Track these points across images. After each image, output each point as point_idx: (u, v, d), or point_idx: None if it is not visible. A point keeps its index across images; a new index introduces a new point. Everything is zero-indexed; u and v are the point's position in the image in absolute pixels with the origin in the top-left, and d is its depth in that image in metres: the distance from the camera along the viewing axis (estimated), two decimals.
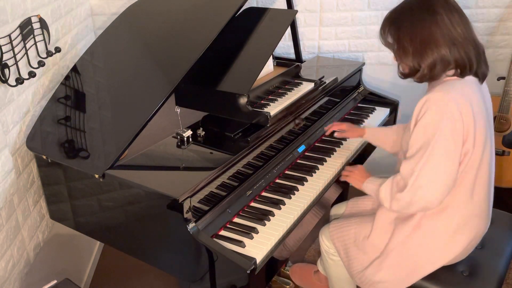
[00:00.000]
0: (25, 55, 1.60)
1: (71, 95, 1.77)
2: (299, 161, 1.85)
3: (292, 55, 2.38)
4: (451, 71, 1.43)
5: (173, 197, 1.32)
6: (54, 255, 1.93)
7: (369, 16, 2.47)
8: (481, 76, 1.47)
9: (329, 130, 1.94)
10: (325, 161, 1.85)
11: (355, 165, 1.72)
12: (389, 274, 1.56)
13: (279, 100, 1.82)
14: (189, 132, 1.62)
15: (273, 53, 2.01)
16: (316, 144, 1.97)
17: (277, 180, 1.73)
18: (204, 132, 1.66)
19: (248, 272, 1.29)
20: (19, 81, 1.53)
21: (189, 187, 1.35)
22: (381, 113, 2.29)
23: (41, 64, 1.67)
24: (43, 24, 1.71)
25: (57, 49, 1.81)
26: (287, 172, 1.78)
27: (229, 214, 1.52)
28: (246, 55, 1.80)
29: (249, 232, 1.44)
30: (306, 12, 2.46)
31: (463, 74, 1.42)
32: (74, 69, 1.83)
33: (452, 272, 1.56)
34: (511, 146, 2.53)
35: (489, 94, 1.54)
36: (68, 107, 1.74)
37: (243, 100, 1.63)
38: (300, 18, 2.47)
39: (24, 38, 1.59)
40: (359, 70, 2.36)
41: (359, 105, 2.36)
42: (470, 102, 1.38)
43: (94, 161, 1.52)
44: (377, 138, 1.88)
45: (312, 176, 1.75)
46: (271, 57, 2.00)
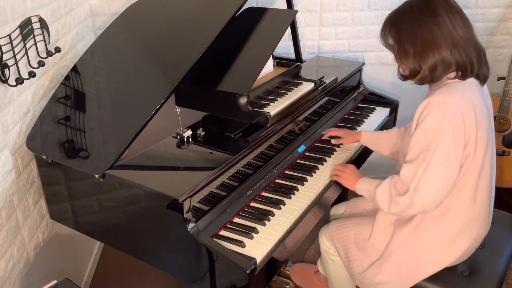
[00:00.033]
0: (25, 55, 1.60)
1: (71, 95, 1.77)
2: (299, 161, 1.85)
3: (292, 55, 2.38)
4: (452, 74, 1.42)
5: (173, 197, 1.33)
6: (54, 255, 1.93)
7: (369, 16, 2.47)
8: (482, 78, 1.46)
9: (326, 135, 1.94)
10: (325, 161, 1.85)
11: (346, 165, 1.71)
12: (389, 276, 1.56)
13: (279, 100, 1.82)
14: (189, 132, 1.62)
15: (273, 53, 2.01)
16: (316, 144, 1.97)
17: (277, 180, 1.73)
18: (204, 132, 1.66)
19: (248, 272, 1.29)
20: (19, 81, 1.53)
21: (189, 187, 1.35)
22: (381, 113, 2.29)
23: (41, 64, 1.67)
24: (43, 24, 1.71)
25: (57, 49, 1.81)
26: (287, 172, 1.78)
27: (229, 214, 1.52)
28: (246, 55, 1.80)
29: (249, 232, 1.44)
30: (306, 12, 2.46)
31: (465, 77, 1.41)
32: (74, 69, 1.83)
33: (452, 272, 1.56)
34: (511, 146, 2.53)
35: (489, 96, 1.53)
36: (68, 107, 1.74)
37: (243, 100, 1.63)
38: (300, 18, 2.47)
39: (24, 38, 1.59)
40: (359, 70, 2.36)
41: (359, 105, 2.36)
42: (473, 105, 1.38)
43: (94, 161, 1.52)
44: (374, 143, 1.88)
45: (312, 176, 1.75)
46: (271, 57, 2.00)
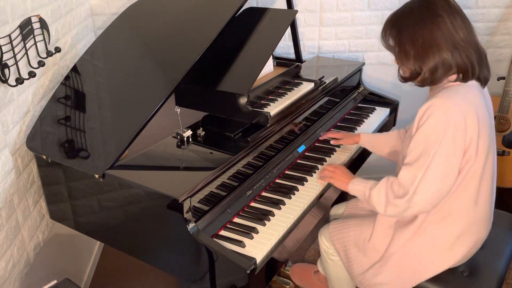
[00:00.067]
0: (25, 55, 1.60)
1: (71, 95, 1.77)
2: (299, 161, 1.85)
3: (292, 55, 2.38)
4: (453, 76, 1.41)
5: (173, 197, 1.32)
6: (54, 255, 1.93)
7: (369, 16, 2.47)
8: (483, 80, 1.45)
9: (324, 136, 1.94)
10: (325, 161, 1.85)
11: (335, 165, 1.70)
12: (390, 277, 1.55)
13: (279, 100, 1.82)
14: (189, 132, 1.62)
15: (273, 53, 2.01)
16: (316, 144, 1.97)
17: (277, 180, 1.73)
18: (204, 132, 1.66)
19: (248, 272, 1.29)
20: (19, 81, 1.53)
21: (189, 187, 1.35)
22: (381, 113, 2.29)
23: (41, 64, 1.67)
24: (43, 24, 1.71)
25: (57, 49, 1.81)
26: (287, 172, 1.78)
27: (229, 214, 1.52)
28: (246, 55, 1.80)
29: (249, 232, 1.44)
30: (306, 12, 2.46)
31: (466, 79, 1.40)
32: (74, 69, 1.83)
33: (452, 272, 1.56)
34: (511, 146, 2.53)
35: (490, 97, 1.52)
36: (68, 107, 1.74)
37: (243, 100, 1.63)
38: (300, 18, 2.47)
39: (24, 38, 1.59)
40: (359, 70, 2.36)
41: (359, 105, 2.36)
42: (475, 108, 1.37)
43: (94, 161, 1.52)
44: (373, 145, 1.88)
45: (312, 176, 1.75)
46: (271, 57, 2.00)
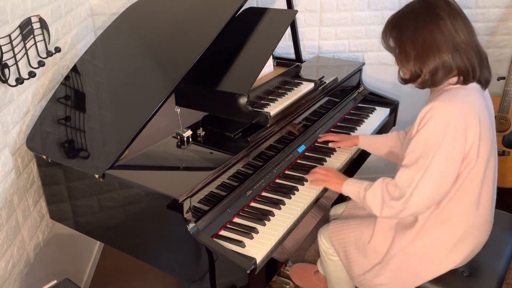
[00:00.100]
0: (25, 55, 1.60)
1: (71, 95, 1.77)
2: (299, 161, 1.85)
3: (292, 55, 2.37)
4: (454, 79, 1.40)
5: (173, 197, 1.32)
6: (54, 255, 1.93)
7: (369, 16, 2.47)
8: (484, 83, 1.44)
9: (322, 139, 1.94)
10: (325, 161, 1.85)
11: (326, 168, 1.70)
12: (390, 278, 1.55)
13: (279, 100, 1.82)
14: (189, 132, 1.62)
15: (273, 53, 2.01)
16: (316, 144, 1.97)
17: (277, 180, 1.73)
18: (204, 132, 1.66)
19: (248, 272, 1.29)
20: (19, 81, 1.53)
21: (189, 187, 1.35)
22: (381, 113, 2.29)
23: (41, 64, 1.67)
24: (43, 24, 1.71)
25: (57, 49, 1.81)
26: (287, 172, 1.78)
27: (229, 214, 1.52)
28: (246, 55, 1.80)
29: (249, 232, 1.44)
30: (306, 12, 2.46)
31: (466, 82, 1.40)
32: (74, 69, 1.83)
33: (452, 272, 1.55)
34: (511, 146, 2.53)
35: (490, 99, 1.52)
36: (68, 107, 1.74)
37: (243, 100, 1.63)
38: (300, 18, 2.47)
39: (24, 38, 1.59)
40: (359, 70, 2.36)
41: (359, 105, 2.36)
42: (477, 111, 1.37)
43: (94, 161, 1.52)
44: (372, 147, 1.88)
45: None
46: (271, 57, 2.00)
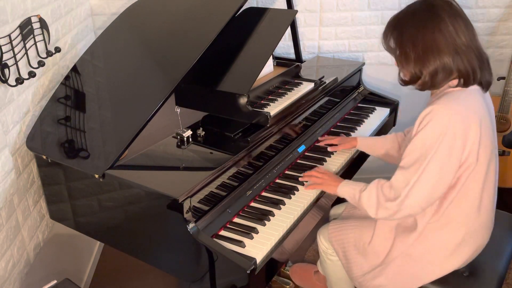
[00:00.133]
0: (25, 55, 1.60)
1: (71, 95, 1.77)
2: (299, 161, 1.85)
3: (292, 55, 2.37)
4: (454, 82, 1.40)
5: (173, 197, 1.32)
6: (54, 255, 1.93)
7: (369, 16, 2.47)
8: (485, 85, 1.43)
9: (321, 143, 1.95)
10: (325, 161, 1.85)
11: (321, 170, 1.70)
12: (390, 280, 1.56)
13: (279, 100, 1.82)
14: (189, 132, 1.62)
15: (273, 53, 2.01)
16: (316, 144, 1.97)
17: (277, 180, 1.73)
18: (204, 132, 1.66)
19: (248, 272, 1.29)
20: (19, 81, 1.53)
21: (189, 187, 1.35)
22: (381, 113, 2.29)
23: (41, 64, 1.67)
24: (43, 24, 1.71)
25: (57, 49, 1.81)
26: (287, 172, 1.78)
27: (229, 214, 1.52)
28: (246, 55, 1.80)
29: (249, 232, 1.44)
30: (306, 12, 2.46)
31: (467, 84, 1.39)
32: (74, 69, 1.83)
33: (452, 273, 1.55)
34: (511, 146, 2.53)
35: (491, 100, 1.51)
36: (68, 107, 1.74)
37: (243, 100, 1.63)
38: (300, 18, 2.47)
39: (24, 38, 1.59)
40: (359, 70, 2.36)
41: (359, 105, 2.36)
42: (478, 115, 1.37)
43: (94, 161, 1.52)
44: (371, 148, 1.89)
45: None
46: (271, 57, 2.00)
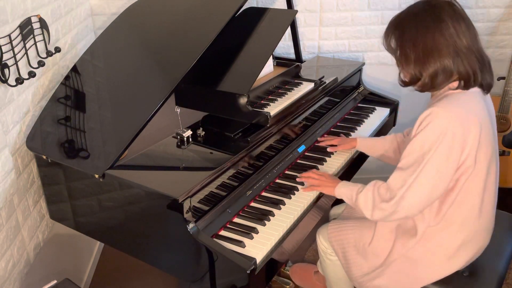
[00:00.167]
0: (25, 55, 1.60)
1: (71, 95, 1.77)
2: (299, 161, 1.85)
3: (292, 55, 2.38)
4: (454, 84, 1.39)
5: (173, 197, 1.32)
6: (54, 255, 1.93)
7: (369, 16, 2.47)
8: (486, 87, 1.43)
9: (321, 144, 1.95)
10: (325, 161, 1.85)
11: (318, 172, 1.70)
12: (389, 281, 1.56)
13: (279, 100, 1.82)
14: (189, 132, 1.62)
15: (273, 53, 2.01)
16: (316, 144, 1.97)
17: (277, 180, 1.73)
18: (204, 132, 1.66)
19: (248, 272, 1.29)
20: (19, 81, 1.53)
21: (189, 187, 1.35)
22: (381, 113, 2.29)
23: (41, 64, 1.67)
24: (43, 24, 1.71)
25: (57, 49, 1.81)
26: (287, 172, 1.78)
27: (229, 214, 1.52)
28: (246, 55, 1.80)
29: (249, 232, 1.44)
30: (306, 12, 2.46)
31: (467, 87, 1.38)
32: (74, 69, 1.83)
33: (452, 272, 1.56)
34: (511, 146, 2.53)
35: (492, 102, 1.51)
36: (68, 107, 1.74)
37: (243, 100, 1.63)
38: (300, 18, 2.47)
39: (24, 38, 1.59)
40: (359, 70, 2.36)
41: (359, 105, 2.36)
42: (478, 117, 1.36)
43: (94, 161, 1.52)
44: (370, 149, 1.89)
45: None
46: (271, 57, 2.00)
